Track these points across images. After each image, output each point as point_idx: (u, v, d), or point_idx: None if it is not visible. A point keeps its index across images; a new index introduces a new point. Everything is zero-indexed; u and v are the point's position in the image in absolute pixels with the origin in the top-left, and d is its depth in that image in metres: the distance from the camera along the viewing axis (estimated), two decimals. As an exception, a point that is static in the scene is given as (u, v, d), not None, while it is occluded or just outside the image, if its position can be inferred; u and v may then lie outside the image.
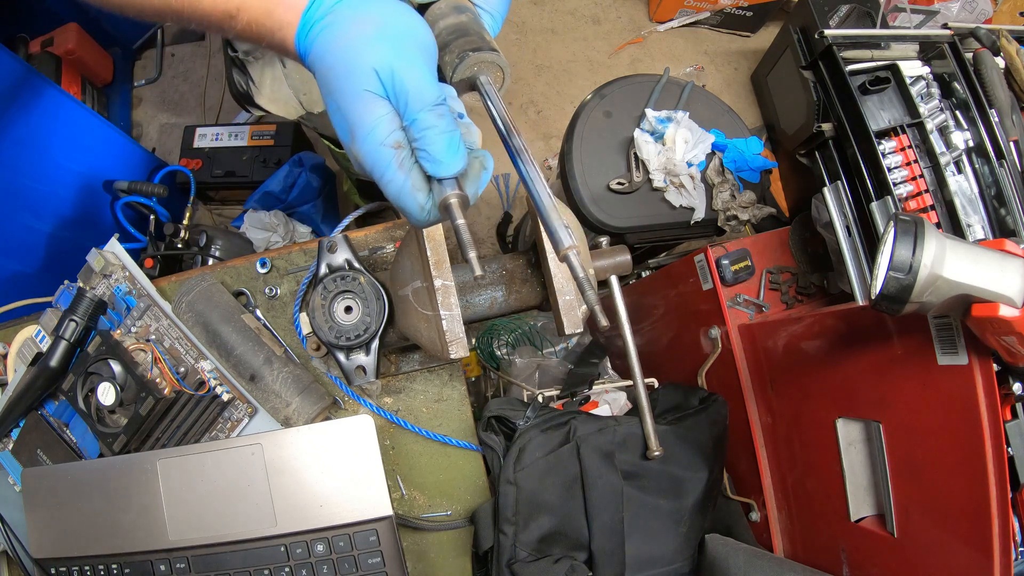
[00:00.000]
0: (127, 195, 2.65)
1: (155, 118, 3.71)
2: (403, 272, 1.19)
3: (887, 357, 1.34)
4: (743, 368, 1.86)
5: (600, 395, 1.77)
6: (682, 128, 2.17)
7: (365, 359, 1.21)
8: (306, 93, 1.77)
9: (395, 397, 1.51)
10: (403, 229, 1.54)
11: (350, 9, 0.79)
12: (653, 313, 2.37)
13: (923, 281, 1.02)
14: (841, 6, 2.70)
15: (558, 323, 1.16)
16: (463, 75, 0.88)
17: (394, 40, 0.77)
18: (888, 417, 1.36)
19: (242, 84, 1.79)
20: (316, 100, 1.80)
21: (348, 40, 0.77)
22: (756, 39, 4.04)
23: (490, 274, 1.24)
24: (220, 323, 1.38)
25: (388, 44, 0.76)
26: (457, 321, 1.12)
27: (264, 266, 1.54)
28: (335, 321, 1.19)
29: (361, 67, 0.76)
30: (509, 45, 3.90)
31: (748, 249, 1.95)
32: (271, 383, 1.35)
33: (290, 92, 1.77)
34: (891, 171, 1.69)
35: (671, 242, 2.36)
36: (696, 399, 1.58)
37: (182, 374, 1.40)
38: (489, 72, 0.90)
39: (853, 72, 1.83)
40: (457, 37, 0.89)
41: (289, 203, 2.97)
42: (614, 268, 1.29)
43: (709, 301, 1.95)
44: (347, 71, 0.77)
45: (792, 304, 1.97)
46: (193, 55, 3.85)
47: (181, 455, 1.29)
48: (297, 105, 1.80)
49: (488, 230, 3.52)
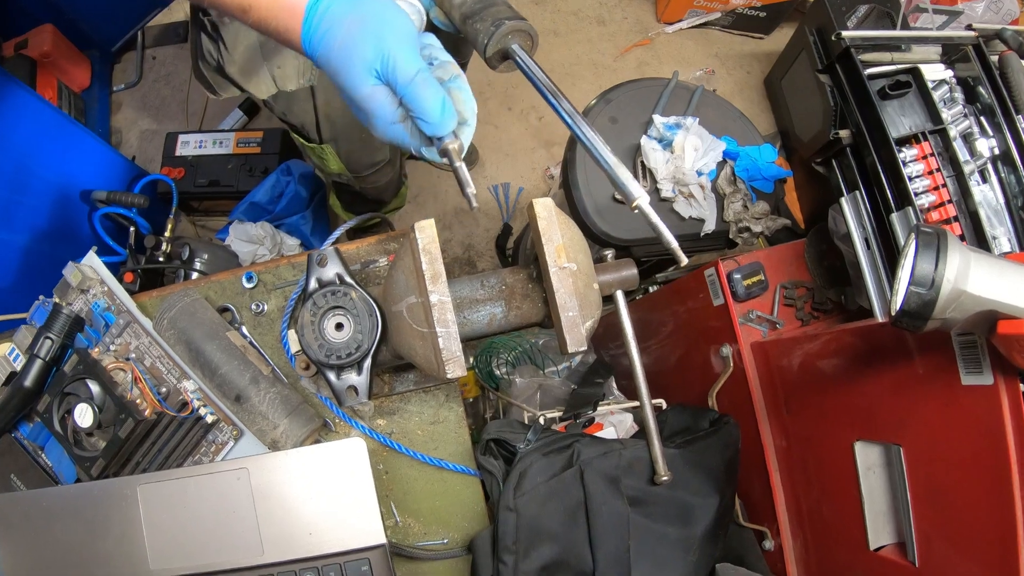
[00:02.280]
0: (106, 205, 2.66)
1: (135, 124, 3.73)
2: (397, 287, 1.20)
3: (908, 377, 1.34)
4: (756, 388, 1.87)
5: (605, 417, 1.77)
6: (692, 135, 2.18)
7: (357, 379, 1.21)
8: (280, 66, 1.75)
9: (388, 419, 1.51)
10: (397, 242, 1.55)
11: (339, 11, 0.99)
12: (661, 330, 2.38)
13: (946, 296, 1.02)
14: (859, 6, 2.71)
15: (560, 341, 1.16)
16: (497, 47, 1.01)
17: (375, 34, 0.97)
18: (909, 440, 1.36)
19: (212, 52, 1.77)
20: (289, 76, 1.78)
21: (342, 44, 0.98)
22: (770, 41, 4.07)
23: (489, 289, 1.24)
24: (204, 341, 1.39)
25: (371, 40, 0.97)
26: (454, 339, 1.12)
27: (250, 280, 1.55)
28: (325, 339, 1.20)
29: (356, 66, 0.98)
30: (509, 47, 3.91)
31: (761, 263, 1.95)
32: (258, 404, 1.36)
33: (263, 64, 1.76)
34: (912, 180, 1.70)
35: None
36: (706, 421, 1.59)
37: (164, 395, 1.40)
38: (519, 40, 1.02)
39: (872, 76, 1.84)
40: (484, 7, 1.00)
41: (277, 214, 2.98)
42: (620, 283, 1.30)
43: (720, 318, 1.96)
44: (347, 71, 0.99)
45: (808, 321, 1.98)
46: (175, 58, 3.87)
47: (163, 480, 1.29)
48: (269, 82, 1.79)
49: (487, 243, 3.53)
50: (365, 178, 2.36)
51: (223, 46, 1.73)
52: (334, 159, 2.15)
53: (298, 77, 1.80)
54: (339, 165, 2.19)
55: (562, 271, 1.14)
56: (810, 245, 2.04)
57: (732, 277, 1.91)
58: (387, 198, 2.70)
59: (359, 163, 2.25)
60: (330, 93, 1.88)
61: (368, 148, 2.20)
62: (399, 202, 3.00)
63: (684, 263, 0.96)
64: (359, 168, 2.28)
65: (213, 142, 3.21)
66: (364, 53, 0.97)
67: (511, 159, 3.71)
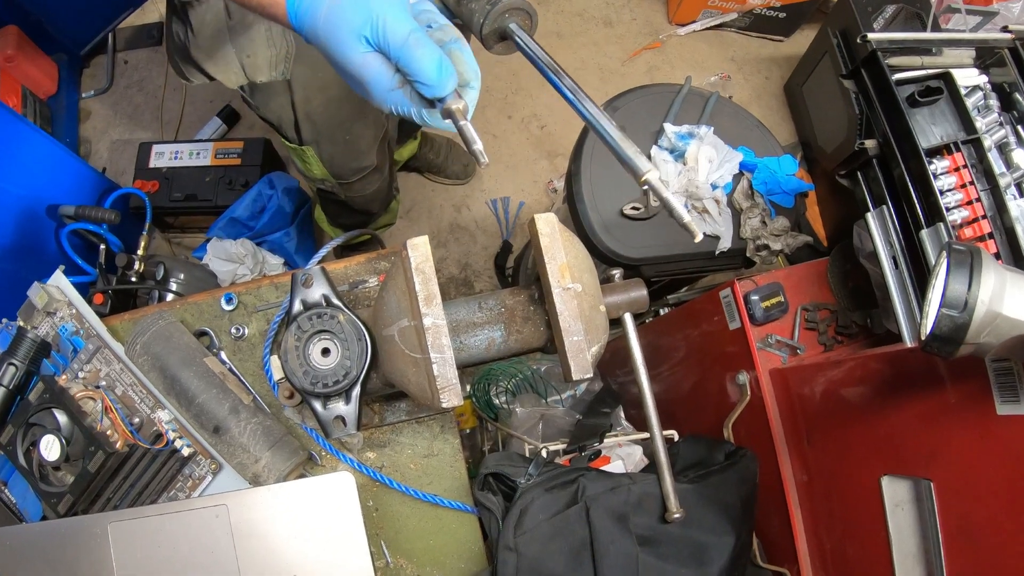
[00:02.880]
0: (74, 221, 2.67)
1: (106, 134, 3.74)
2: (388, 309, 1.20)
3: (939, 406, 1.35)
4: (775, 418, 1.87)
5: (612, 449, 1.77)
6: (706, 145, 2.19)
7: (345, 408, 1.22)
8: (250, 55, 1.75)
9: (379, 452, 1.52)
10: (388, 260, 1.56)
11: None
12: (673, 356, 2.38)
13: (980, 320, 1.02)
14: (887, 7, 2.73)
15: (564, 367, 1.17)
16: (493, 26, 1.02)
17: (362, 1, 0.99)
18: (940, 474, 1.36)
19: (180, 34, 1.78)
20: (260, 67, 1.78)
21: (328, 13, 1.01)
22: (790, 44, 4.09)
23: (487, 312, 1.25)
24: (180, 367, 1.39)
25: (359, 5, 0.99)
26: (449, 365, 1.13)
27: (230, 302, 1.56)
28: (311, 365, 1.20)
29: (345, 34, 1.00)
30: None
31: (781, 283, 1.96)
32: (238, 436, 1.36)
33: (231, 51, 1.76)
34: (943, 194, 1.71)
35: (693, 275, 2.37)
36: (721, 454, 1.59)
37: (136, 425, 1.41)
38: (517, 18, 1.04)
39: (900, 81, 1.85)
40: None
41: (258, 231, 2.99)
42: (628, 305, 1.30)
43: (736, 342, 1.97)
44: (338, 42, 1.01)
45: (831, 346, 1.98)
46: (149, 62, 3.89)
47: (135, 518, 1.29)
48: (238, 70, 1.79)
49: (485, 261, 3.55)
50: (351, 185, 2.36)
51: (190, 30, 1.75)
52: (316, 163, 2.16)
53: (270, 69, 1.81)
54: (322, 170, 2.21)
55: (566, 292, 1.14)
56: (833, 264, 2.05)
57: (749, 299, 1.92)
58: (375, 209, 2.70)
59: (344, 167, 2.26)
60: (309, 89, 1.89)
61: (353, 151, 2.21)
62: (389, 218, 2.99)
63: (699, 239, 0.96)
64: (344, 173, 2.28)
65: (190, 153, 3.22)
66: (352, 19, 0.99)
67: (511, 171, 3.72)
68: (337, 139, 2.09)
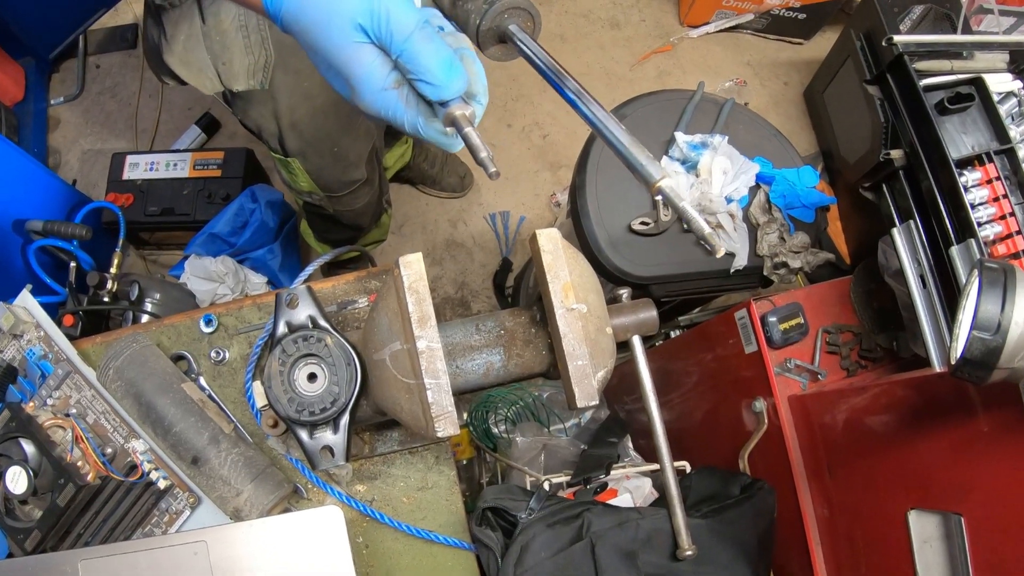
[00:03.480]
0: (42, 237, 2.67)
1: (76, 143, 3.75)
2: (379, 332, 1.21)
3: (970, 436, 1.35)
4: (794, 449, 1.87)
5: (620, 482, 1.78)
6: (720, 156, 2.20)
7: (333, 438, 1.22)
8: (225, 63, 1.76)
9: (369, 484, 1.52)
10: (379, 279, 1.56)
11: None
12: (685, 382, 2.39)
13: (1014, 342, 1.02)
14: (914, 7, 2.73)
15: (568, 394, 1.17)
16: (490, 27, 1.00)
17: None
18: (972, 508, 1.36)
19: (154, 37, 1.79)
20: (237, 75, 1.80)
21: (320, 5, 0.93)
22: (810, 47, 4.11)
23: (485, 334, 1.25)
24: (155, 394, 1.39)
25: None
26: (445, 391, 1.13)
27: (209, 324, 1.56)
28: (296, 391, 1.21)
29: (337, 19, 0.93)
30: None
31: (800, 303, 1.97)
32: (218, 467, 1.36)
33: (206, 57, 1.77)
34: (975, 208, 1.71)
35: (706, 295, 2.37)
36: (737, 487, 1.59)
37: (109, 456, 1.41)
38: (517, 19, 1.01)
39: (929, 87, 1.86)
40: None
41: (240, 247, 3.00)
42: (637, 327, 1.30)
43: (753, 367, 1.97)
44: (325, 27, 0.94)
45: (854, 371, 1.99)
46: (123, 67, 3.90)
47: (108, 555, 1.29)
48: (214, 76, 1.80)
49: (483, 280, 3.56)
50: (340, 198, 2.37)
51: (163, 34, 1.76)
52: (303, 175, 2.17)
53: (247, 77, 1.82)
54: (309, 182, 2.21)
55: (570, 313, 1.15)
56: (857, 283, 2.05)
57: (767, 320, 1.93)
58: (365, 224, 2.70)
59: (332, 181, 2.26)
60: (294, 98, 1.90)
61: (342, 163, 2.21)
62: (380, 233, 3.00)
63: (720, 253, 0.93)
64: (332, 186, 2.28)
65: (166, 164, 3.23)
66: (348, 4, 0.92)
67: (511, 184, 3.74)
68: (325, 150, 2.09)
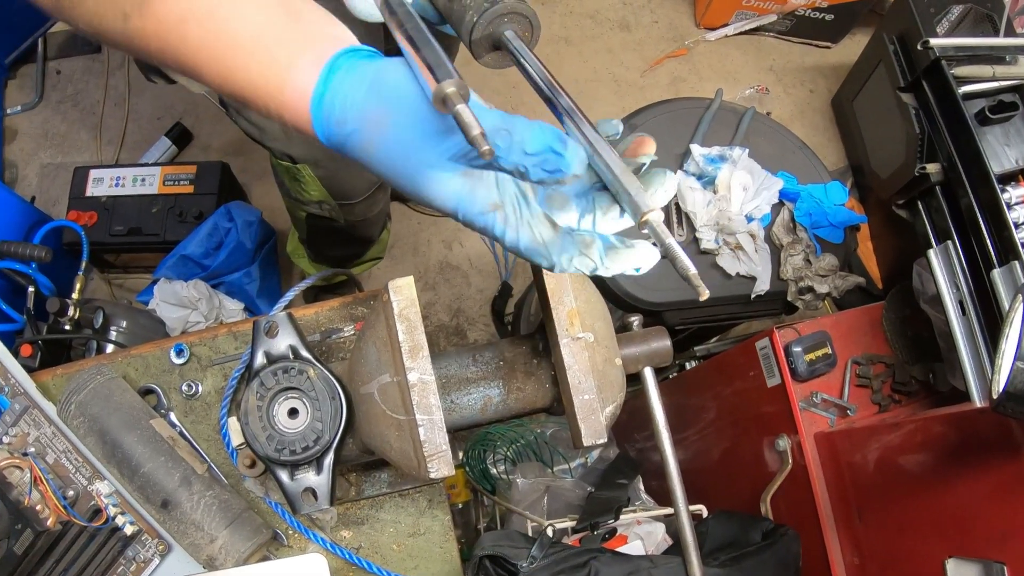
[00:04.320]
0: (-3, 260, 2.68)
1: (35, 156, 3.75)
2: (367, 363, 1.22)
3: (1014, 477, 1.35)
4: (821, 491, 1.87)
5: (630, 527, 1.78)
6: (740, 170, 2.21)
7: (316, 479, 1.22)
8: None
9: (356, 530, 1.52)
10: (366, 305, 1.57)
11: (371, 104, 0.88)
12: (701, 417, 2.39)
13: (1061, 375, 1.03)
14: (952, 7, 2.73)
15: (574, 431, 1.18)
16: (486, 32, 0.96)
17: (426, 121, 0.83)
18: (1016, 556, 1.36)
19: None
20: None
21: (390, 134, 0.87)
22: (838, 51, 4.13)
23: (483, 366, 1.25)
24: (121, 431, 1.40)
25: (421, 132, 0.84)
26: (439, 428, 1.12)
27: (181, 355, 1.57)
28: (276, 428, 1.21)
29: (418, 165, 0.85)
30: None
31: (828, 332, 1.97)
32: (190, 512, 1.36)
33: None
34: (1019, 227, 1.71)
35: (725, 322, 2.37)
36: (758, 533, 1.59)
37: (71, 499, 1.41)
38: (515, 25, 0.98)
39: (968, 95, 1.86)
40: None
41: (214, 270, 3.00)
42: (648, 358, 1.31)
43: (776, 401, 1.97)
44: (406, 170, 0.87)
45: (887, 405, 1.99)
46: (86, 72, 3.90)
47: (68, 609, 1.30)
48: None
49: (480, 307, 3.56)
50: (354, 206, 2.32)
51: None
52: (314, 183, 2.13)
53: None
54: (321, 191, 2.17)
55: (575, 343, 1.15)
56: (889, 310, 2.06)
57: (791, 350, 1.93)
58: (375, 234, 2.66)
59: (348, 186, 2.22)
60: None
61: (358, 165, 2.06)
62: (379, 250, 2.97)
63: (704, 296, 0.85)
64: (348, 193, 2.24)
65: (133, 179, 3.23)
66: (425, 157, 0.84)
67: (512, 200, 3.70)
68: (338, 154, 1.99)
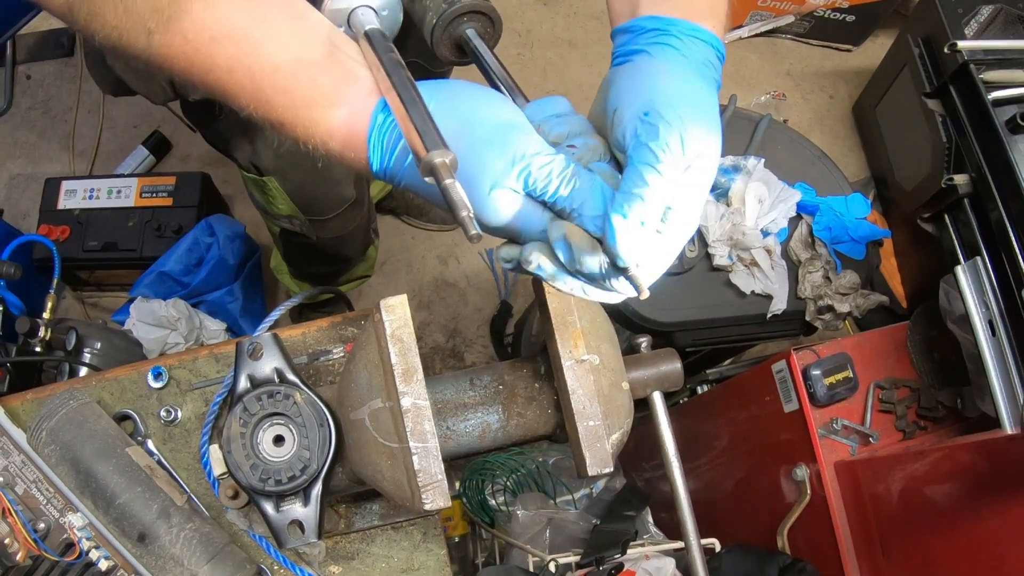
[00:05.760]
0: (-37, 277, 2.69)
1: (4, 167, 3.76)
2: (357, 387, 1.22)
3: (1047, 508, 1.35)
4: (841, 524, 1.86)
5: (638, 562, 1.78)
6: (755, 181, 2.21)
7: (303, 511, 1.22)
8: None
9: (345, 565, 1.52)
10: (357, 326, 1.57)
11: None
12: (714, 445, 2.39)
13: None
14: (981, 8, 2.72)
15: (578, 459, 1.18)
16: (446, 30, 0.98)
17: (500, 143, 0.92)
18: (1050, 594, 1.37)
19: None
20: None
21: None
22: (860, 54, 4.13)
23: (481, 390, 1.25)
24: (96, 460, 1.40)
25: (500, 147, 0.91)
26: (434, 457, 1.13)
27: (159, 378, 1.57)
28: (260, 457, 1.21)
29: (481, 195, 0.91)
30: (509, 61, 3.94)
31: (849, 354, 1.97)
32: (168, 545, 1.36)
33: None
34: (1053, 243, 1.72)
35: (739, 344, 2.38)
36: (775, 568, 1.59)
37: (42, 532, 1.41)
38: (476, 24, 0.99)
39: (998, 101, 1.86)
40: None
41: (195, 288, 3.00)
42: (658, 381, 1.31)
43: (793, 428, 1.97)
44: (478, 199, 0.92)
45: (912, 432, 1.99)
46: (58, 77, 3.91)
47: (38, 650, 1.30)
48: (166, 83, 1.76)
49: (478, 327, 3.56)
50: (325, 223, 2.33)
51: None
52: (282, 196, 2.13)
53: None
54: (289, 204, 2.18)
55: (580, 365, 1.15)
56: (914, 330, 2.06)
57: (810, 374, 1.93)
58: (352, 254, 2.66)
59: (316, 201, 2.23)
60: None
61: (326, 180, 2.17)
62: (366, 268, 2.97)
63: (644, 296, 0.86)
64: (317, 209, 2.25)
65: (108, 191, 3.23)
66: (488, 183, 0.91)
67: (511, 213, 3.70)
68: (306, 166, 2.04)
